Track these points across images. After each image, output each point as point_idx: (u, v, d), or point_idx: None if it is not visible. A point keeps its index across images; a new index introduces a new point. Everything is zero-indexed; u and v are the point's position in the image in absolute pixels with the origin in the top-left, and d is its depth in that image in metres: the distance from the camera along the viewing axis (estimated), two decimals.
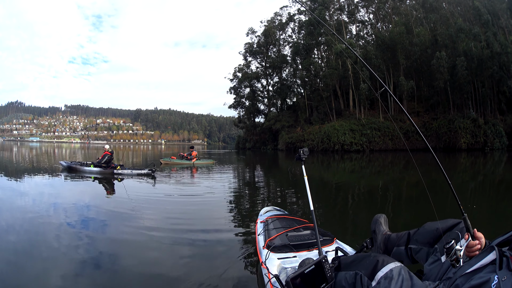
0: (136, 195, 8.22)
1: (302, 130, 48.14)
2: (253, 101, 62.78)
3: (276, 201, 8.10)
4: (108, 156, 13.34)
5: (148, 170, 12.68)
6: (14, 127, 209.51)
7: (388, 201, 8.10)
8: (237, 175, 15.10)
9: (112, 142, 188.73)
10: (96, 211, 6.23)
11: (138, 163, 20.97)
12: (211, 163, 20.37)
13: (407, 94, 41.32)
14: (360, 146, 40.64)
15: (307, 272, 2.03)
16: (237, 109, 65.86)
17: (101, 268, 3.57)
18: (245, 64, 63.67)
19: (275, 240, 3.23)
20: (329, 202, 8.26)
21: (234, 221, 5.79)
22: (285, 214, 4.32)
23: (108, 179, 11.79)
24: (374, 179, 13.52)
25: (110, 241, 4.46)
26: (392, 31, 42.87)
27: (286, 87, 57.53)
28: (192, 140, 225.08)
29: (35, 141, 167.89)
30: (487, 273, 1.53)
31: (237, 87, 63.64)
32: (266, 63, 61.72)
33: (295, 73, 56.17)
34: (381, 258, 1.89)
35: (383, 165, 20.82)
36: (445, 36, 39.68)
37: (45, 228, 4.96)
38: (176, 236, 4.72)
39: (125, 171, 12.83)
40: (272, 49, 61.41)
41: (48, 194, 8.27)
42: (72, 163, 14.12)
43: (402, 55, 42.06)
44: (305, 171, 3.31)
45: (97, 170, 13.08)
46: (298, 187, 9.57)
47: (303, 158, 3.31)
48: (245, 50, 62.74)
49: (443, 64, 37.02)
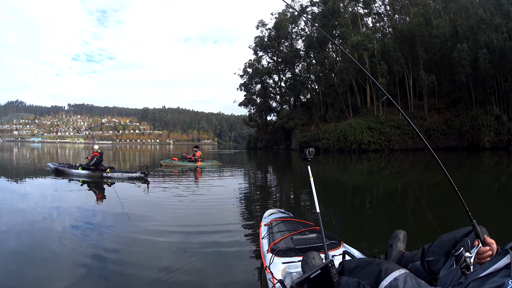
0: (128, 200, 8.28)
1: (316, 129, 48.75)
2: (264, 98, 63.59)
3: (282, 203, 8.31)
4: (97, 157, 13.16)
5: (140, 173, 12.52)
6: (14, 127, 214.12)
7: (408, 204, 8.16)
8: (243, 176, 15.34)
9: (118, 142, 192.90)
10: (81, 219, 6.17)
11: (135, 165, 20.74)
12: (216, 164, 20.39)
13: (428, 90, 41.90)
14: (379, 146, 41.00)
15: (312, 277, 2.08)
16: (247, 107, 66.94)
17: (105, 275, 3.71)
18: (256, 59, 64.55)
19: (280, 243, 3.34)
20: (344, 205, 8.40)
21: (236, 224, 5.94)
22: (290, 216, 4.50)
23: (97, 183, 11.79)
24: (393, 181, 13.61)
25: (108, 249, 4.49)
26: (410, 22, 43.41)
27: (299, 83, 58.16)
28: (201, 140, 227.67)
29: (37, 141, 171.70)
30: (501, 278, 1.55)
31: (248, 83, 64.68)
32: (277, 57, 62.48)
33: (309, 68, 56.69)
34: (384, 266, 1.90)
35: (403, 166, 20.51)
36: (466, 28, 39.93)
37: (16, 242, 4.81)
38: (175, 241, 4.90)
39: (115, 174, 12.66)
40: (284, 43, 62.16)
41: (26, 200, 8.12)
42: (60, 165, 14.16)
43: (422, 48, 42.56)
44: (310, 172, 3.49)
45: (85, 173, 12.97)
46: (306, 188, 9.63)
47: (309, 158, 3.47)
48: (255, 44, 63.63)
49: (464, 57, 37.37)
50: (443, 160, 17.45)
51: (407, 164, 13.47)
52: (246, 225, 5.93)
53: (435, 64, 44.00)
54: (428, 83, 40.74)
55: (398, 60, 43.42)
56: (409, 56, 44.06)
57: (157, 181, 12.31)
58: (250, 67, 64.31)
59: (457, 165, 20.36)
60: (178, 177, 14.09)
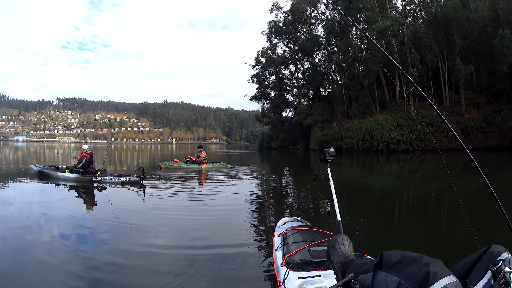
0: (123, 208, 8.31)
1: (338, 126, 49.28)
2: (279, 92, 64.29)
3: (298, 210, 8.39)
4: (86, 158, 13.08)
5: (136, 177, 12.47)
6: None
7: (443, 213, 8.19)
8: (255, 180, 15.67)
9: (114, 142, 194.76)
10: (68, 231, 6.14)
11: (132, 167, 20.94)
12: (223, 166, 20.74)
13: (465, 82, 41.99)
14: (409, 145, 41.04)
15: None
16: (260, 101, 67.82)
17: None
18: (270, 47, 65.18)
19: (295, 256, 3.35)
20: (369, 213, 8.48)
21: (246, 234, 5.99)
22: (307, 225, 4.50)
23: (87, 188, 11.85)
24: (426, 186, 13.71)
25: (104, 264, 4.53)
26: (445, 5, 43.36)
27: (319, 74, 58.38)
28: (208, 139, 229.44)
29: (21, 140, 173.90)
30: None
31: (261, 74, 65.53)
32: (294, 45, 63.05)
33: (330, 57, 56.78)
34: (433, 268, 1.81)
35: (437, 168, 20.86)
36: (508, 11, 39.52)
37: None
38: (175, 254, 4.98)
39: (106, 178, 12.65)
40: (301, 29, 62.74)
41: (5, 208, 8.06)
42: (45, 167, 14.27)
43: (458, 34, 42.63)
44: (331, 175, 3.58)
45: (72, 176, 12.96)
46: (325, 194, 9.86)
47: (329, 159, 3.55)
48: (269, 30, 64.20)
49: (507, 45, 37.31)
50: (482, 162, 17.70)
51: (447, 166, 13.31)
52: (257, 235, 6.06)
53: (473, 53, 43.78)
54: (465, 74, 40.68)
55: (432, 48, 43.42)
56: (444, 43, 44.01)
57: (155, 186, 12.53)
58: (264, 56, 64.88)
59: (498, 167, 20.56)
60: (180, 182, 14.25)
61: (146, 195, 10.49)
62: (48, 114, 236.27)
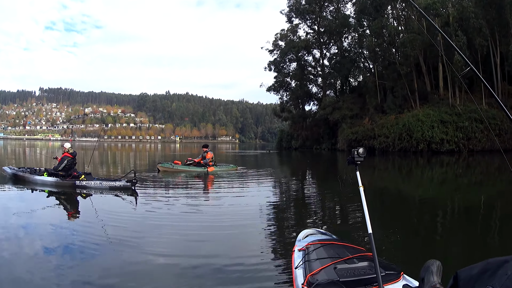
0: (111, 218, 8.34)
1: (371, 122, 49.74)
2: (301, 81, 64.78)
3: (322, 221, 8.53)
4: (68, 159, 13.08)
5: (126, 181, 12.56)
6: None
7: (493, 224, 8.26)
8: (272, 186, 16.10)
9: (106, 139, 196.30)
10: (45, 246, 6.13)
11: (127, 170, 20.70)
12: (233, 169, 21.05)
13: None
14: (455, 145, 41.59)
15: None
16: (279, 93, 68.44)
17: None
18: (290, 29, 65.67)
19: (319, 275, 3.39)
20: (407, 224, 8.63)
21: (261, 250, 6.07)
22: (332, 239, 4.58)
23: (68, 194, 11.96)
24: (474, 193, 13.91)
25: None
26: None
27: (348, 60, 58.72)
28: (218, 137, 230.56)
29: None
30: None
31: (279, 61, 65.93)
32: (319, 27, 63.24)
33: (361, 40, 56.82)
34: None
35: (487, 173, 21.35)
36: None
37: None
38: (176, 273, 5.08)
39: (91, 183, 12.72)
40: (327, 7, 63.02)
41: None
42: (20, 169, 14.47)
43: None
44: (360, 179, 3.57)
45: (52, 180, 13.04)
46: (354, 201, 9.95)
47: (358, 161, 3.60)
48: (290, 9, 64.43)
49: None
50: None
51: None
52: (273, 251, 6.14)
53: None
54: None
55: (481, 30, 43.14)
56: (496, 25, 43.75)
57: (150, 193, 12.75)
58: (283, 39, 65.51)
59: None
60: (181, 188, 14.64)
61: (139, 203, 10.66)
62: (29, 107, 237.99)
